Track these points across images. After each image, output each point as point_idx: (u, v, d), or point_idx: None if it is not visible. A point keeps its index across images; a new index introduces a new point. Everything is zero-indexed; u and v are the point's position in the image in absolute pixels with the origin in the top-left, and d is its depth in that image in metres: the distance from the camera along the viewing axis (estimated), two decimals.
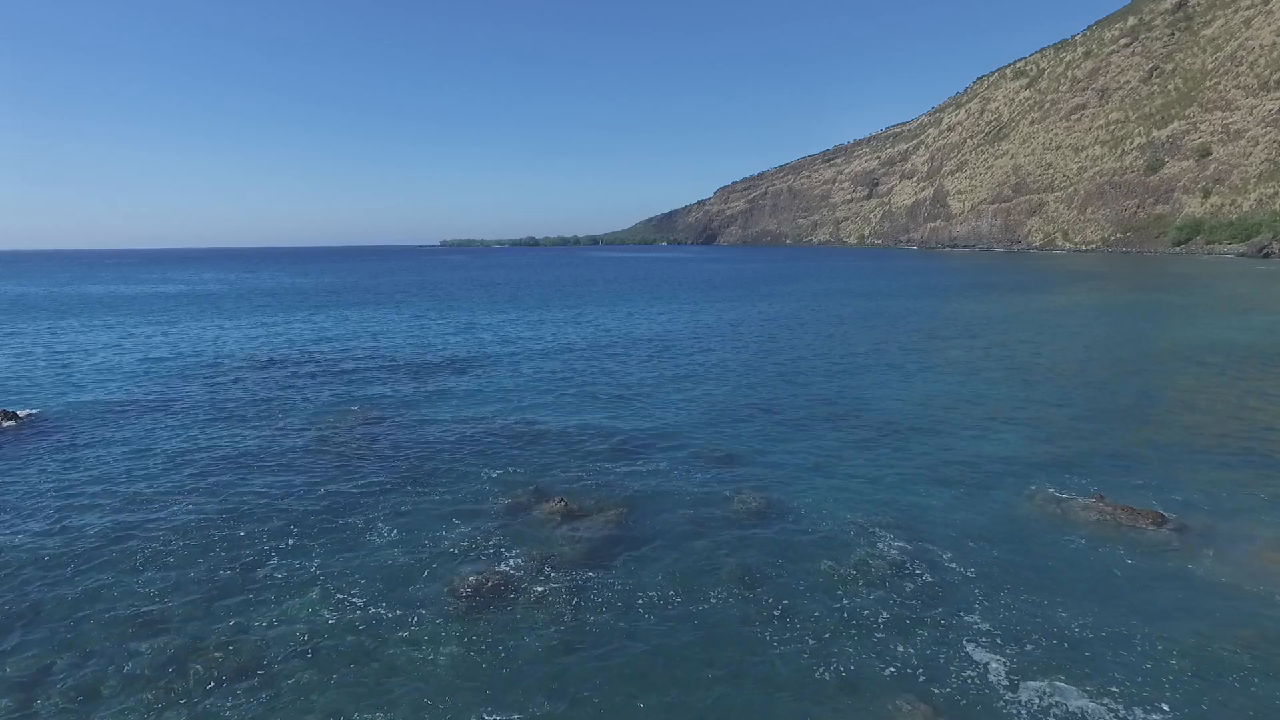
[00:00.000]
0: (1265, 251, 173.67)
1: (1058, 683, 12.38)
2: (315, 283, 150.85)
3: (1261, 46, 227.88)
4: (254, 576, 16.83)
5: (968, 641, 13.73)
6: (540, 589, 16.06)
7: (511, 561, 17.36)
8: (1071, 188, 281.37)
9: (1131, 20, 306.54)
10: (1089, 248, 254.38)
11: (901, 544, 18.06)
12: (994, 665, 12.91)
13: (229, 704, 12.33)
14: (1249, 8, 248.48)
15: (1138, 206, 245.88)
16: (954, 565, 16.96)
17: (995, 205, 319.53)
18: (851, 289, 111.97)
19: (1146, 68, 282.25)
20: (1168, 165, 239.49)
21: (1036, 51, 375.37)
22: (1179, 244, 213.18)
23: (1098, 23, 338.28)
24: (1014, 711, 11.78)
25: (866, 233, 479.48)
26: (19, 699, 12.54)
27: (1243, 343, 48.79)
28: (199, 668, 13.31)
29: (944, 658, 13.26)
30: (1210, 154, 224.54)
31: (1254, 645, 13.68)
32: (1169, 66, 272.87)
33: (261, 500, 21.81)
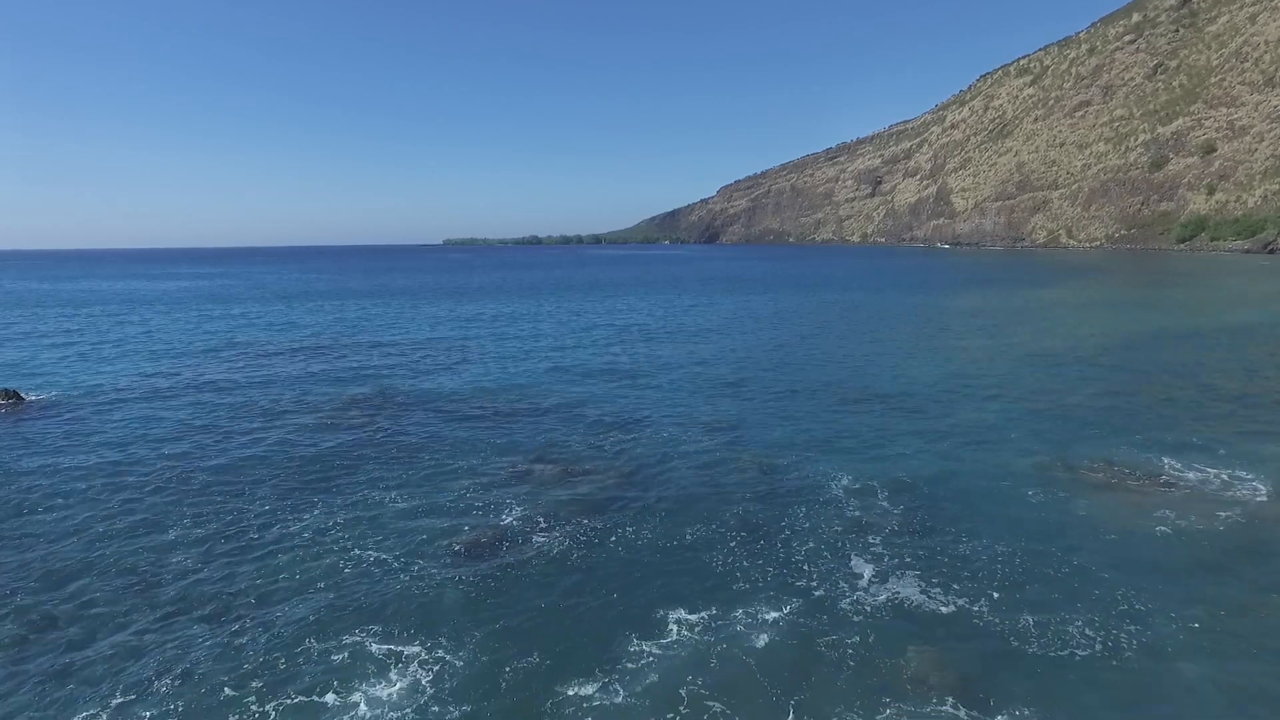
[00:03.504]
0: (1270, 248, 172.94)
1: (909, 585, 14.17)
2: (325, 281, 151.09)
3: (1267, 43, 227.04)
4: (266, 532, 17.03)
5: (855, 556, 14.61)
6: (540, 540, 16.39)
7: (513, 517, 17.66)
8: (1075, 185, 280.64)
9: (1136, 17, 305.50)
10: (1093, 245, 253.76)
11: (891, 501, 18.43)
12: (869, 573, 14.76)
13: (241, 640, 12.57)
14: (1254, 4, 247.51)
15: (1142, 203, 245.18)
16: (953, 527, 17.16)
17: (999, 203, 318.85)
18: (855, 283, 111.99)
19: (1151, 64, 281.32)
20: (1172, 162, 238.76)
21: (1040, 49, 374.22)
22: (1183, 241, 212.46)
23: (1102, 19, 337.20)
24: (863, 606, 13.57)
25: (870, 231, 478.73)
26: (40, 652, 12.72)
27: (1245, 324, 48.82)
28: (212, 612, 13.55)
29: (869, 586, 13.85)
30: (1215, 150, 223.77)
31: (1126, 571, 14.11)
32: (1173, 63, 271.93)
33: (273, 467, 22.00)
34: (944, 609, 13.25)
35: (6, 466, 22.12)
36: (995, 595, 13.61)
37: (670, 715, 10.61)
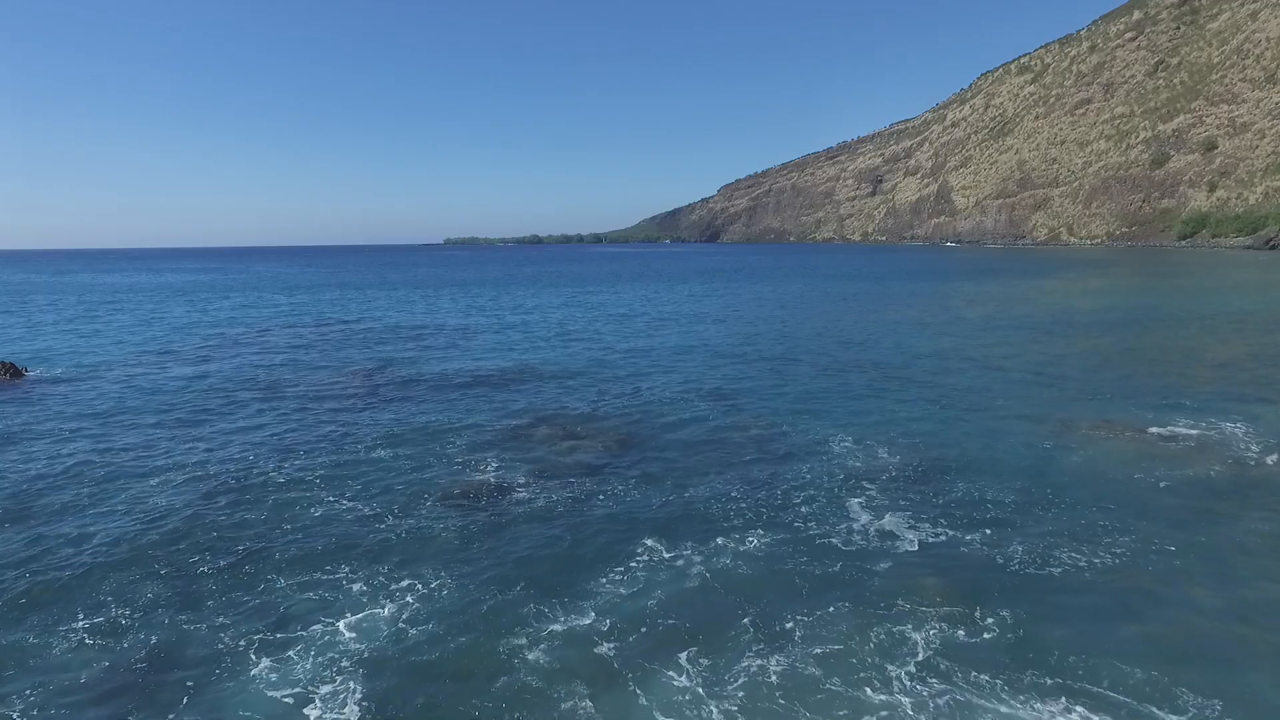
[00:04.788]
0: (1272, 244, 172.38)
1: (903, 522, 14.32)
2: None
3: (1268, 39, 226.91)
4: (261, 485, 17.22)
5: (852, 500, 14.91)
6: (533, 491, 16.55)
7: (509, 471, 17.80)
8: (1076, 182, 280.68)
9: (1137, 14, 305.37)
10: (1094, 242, 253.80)
11: (889, 455, 18.62)
12: (864, 513, 14.89)
13: (230, 578, 12.84)
14: (1254, 0, 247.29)
15: (1143, 201, 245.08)
16: (954, 478, 17.35)
17: (1000, 200, 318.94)
18: (858, 275, 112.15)
19: (1152, 62, 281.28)
20: (1173, 159, 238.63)
21: (1041, 47, 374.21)
22: (1184, 237, 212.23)
23: (1103, 17, 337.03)
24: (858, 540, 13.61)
25: (871, 229, 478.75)
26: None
27: (1240, 309, 48.91)
28: (204, 553, 13.96)
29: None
30: (1216, 147, 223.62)
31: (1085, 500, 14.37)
32: (1175, 60, 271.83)
33: (272, 429, 22.23)
34: (936, 540, 13.45)
35: (4, 431, 22.30)
36: (988, 530, 13.79)
37: (644, 631, 10.80)
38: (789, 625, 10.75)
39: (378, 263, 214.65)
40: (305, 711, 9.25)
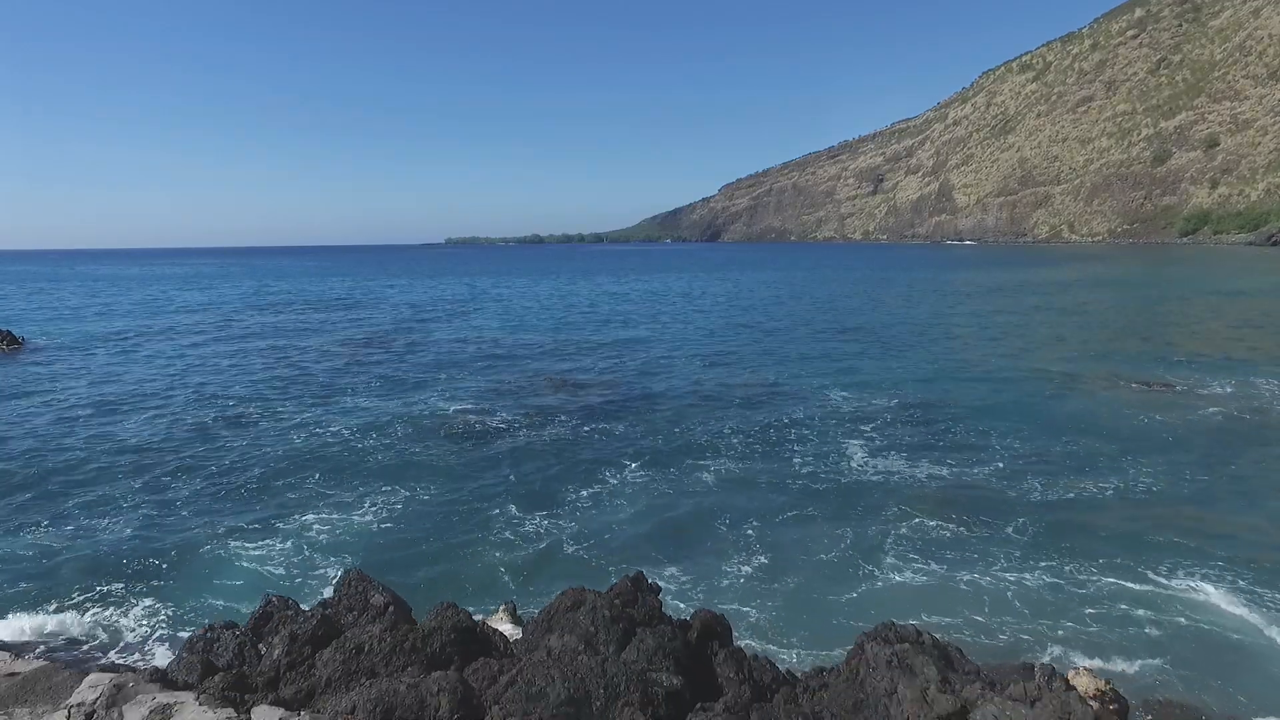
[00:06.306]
0: (1273, 240, 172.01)
1: (902, 460, 14.30)
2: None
3: (1270, 36, 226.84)
4: (259, 422, 17.42)
5: (848, 441, 15.41)
6: (515, 428, 16.79)
7: (498, 411, 18.15)
8: (1078, 180, 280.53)
9: (1139, 12, 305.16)
10: (1095, 239, 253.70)
11: (886, 403, 18.82)
12: (861, 452, 14.80)
13: (221, 483, 13.35)
14: None
15: (1145, 198, 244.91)
16: (953, 423, 17.41)
17: (1001, 198, 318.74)
18: (860, 266, 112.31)
19: (1154, 59, 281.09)
20: (1175, 156, 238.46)
21: (1043, 45, 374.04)
22: (1186, 234, 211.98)
23: (1105, 15, 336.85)
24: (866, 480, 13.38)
25: (872, 229, 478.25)
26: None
27: (1237, 289, 49.00)
28: (206, 471, 14.38)
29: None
30: (1218, 144, 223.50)
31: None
32: (1176, 58, 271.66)
33: (270, 380, 22.43)
34: (940, 472, 13.46)
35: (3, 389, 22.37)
36: (1000, 465, 13.83)
37: (621, 537, 10.99)
38: (777, 533, 10.83)
39: (380, 259, 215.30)
40: (281, 584, 9.42)
